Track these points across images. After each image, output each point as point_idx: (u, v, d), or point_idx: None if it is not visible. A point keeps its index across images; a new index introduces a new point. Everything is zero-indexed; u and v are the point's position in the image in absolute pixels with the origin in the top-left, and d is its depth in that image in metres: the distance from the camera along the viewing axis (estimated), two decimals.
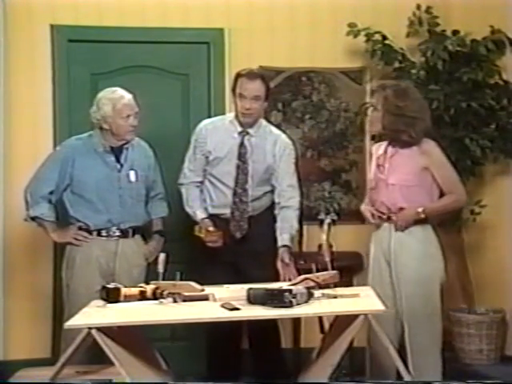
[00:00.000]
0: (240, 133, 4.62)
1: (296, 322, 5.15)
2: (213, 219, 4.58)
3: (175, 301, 3.72)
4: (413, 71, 5.23)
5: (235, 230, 4.59)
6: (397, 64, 5.30)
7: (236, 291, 3.86)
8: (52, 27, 5.17)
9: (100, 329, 3.38)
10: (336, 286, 3.91)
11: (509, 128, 5.29)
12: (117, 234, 4.49)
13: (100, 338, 3.36)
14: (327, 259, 4.00)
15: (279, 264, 4.41)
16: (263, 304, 3.56)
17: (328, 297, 3.74)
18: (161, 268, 3.98)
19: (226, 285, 4.11)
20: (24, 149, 5.13)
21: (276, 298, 3.53)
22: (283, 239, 4.48)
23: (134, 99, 4.49)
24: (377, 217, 4.22)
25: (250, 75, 4.54)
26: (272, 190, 4.65)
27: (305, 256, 4.95)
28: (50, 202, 4.48)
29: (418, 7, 5.33)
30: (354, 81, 5.51)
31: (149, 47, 5.30)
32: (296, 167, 4.73)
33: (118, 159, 4.50)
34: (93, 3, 5.22)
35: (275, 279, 4.31)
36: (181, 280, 3.86)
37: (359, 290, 3.91)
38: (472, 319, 5.36)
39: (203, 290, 3.88)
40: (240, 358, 4.80)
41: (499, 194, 5.48)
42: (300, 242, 5.16)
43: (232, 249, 4.54)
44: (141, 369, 3.68)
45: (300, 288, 3.66)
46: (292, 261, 4.46)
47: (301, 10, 5.42)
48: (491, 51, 5.26)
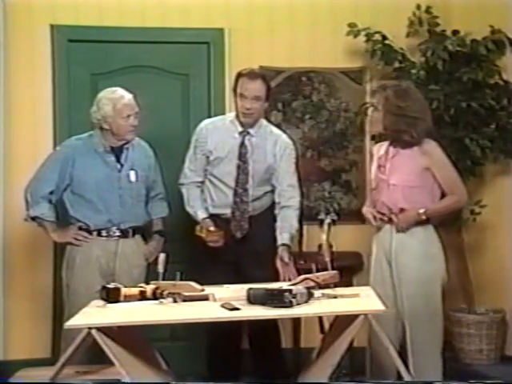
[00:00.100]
0: (241, 133, 4.62)
1: (296, 322, 5.15)
2: (213, 219, 4.58)
3: (175, 301, 3.72)
4: (413, 71, 5.23)
5: (236, 230, 4.59)
6: (397, 64, 5.30)
7: (236, 291, 3.86)
8: (52, 27, 5.17)
9: (100, 329, 3.38)
10: (336, 286, 3.91)
11: (509, 128, 5.29)
12: (117, 234, 4.49)
13: (100, 338, 3.36)
14: (327, 259, 4.00)
15: (278, 263, 4.41)
16: (263, 304, 3.56)
17: (328, 297, 3.74)
18: (161, 268, 3.98)
19: (226, 285, 4.11)
20: (24, 149, 5.13)
21: (276, 298, 3.53)
22: (283, 238, 4.48)
23: (134, 99, 4.49)
24: (378, 219, 4.22)
25: (251, 75, 4.53)
26: (272, 190, 4.65)
27: (305, 256, 4.95)
28: (50, 202, 4.48)
29: (418, 7, 5.33)
30: (354, 81, 5.51)
31: (149, 47, 5.30)
32: (296, 167, 4.73)
33: (119, 159, 4.50)
34: (93, 3, 5.22)
35: (276, 279, 4.32)
36: (181, 280, 3.86)
37: (359, 290, 3.91)
38: (472, 319, 5.36)
39: (203, 290, 3.88)
40: (240, 358, 4.81)
41: (499, 194, 5.48)
42: (300, 242, 5.16)
43: (232, 248, 4.54)
44: (141, 369, 3.68)
45: (300, 288, 3.66)
46: (292, 260, 4.46)
47: (301, 10, 5.42)
48: (491, 51, 5.26)
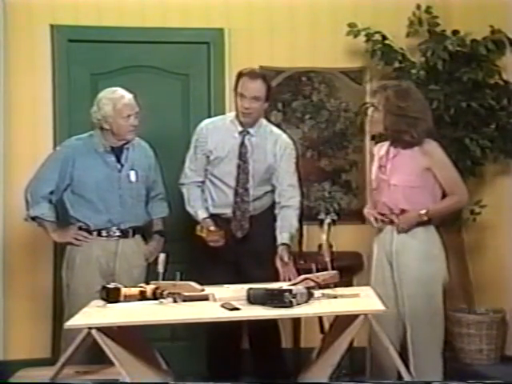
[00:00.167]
0: (241, 132, 4.62)
1: (296, 322, 5.14)
2: (214, 219, 4.58)
3: (175, 301, 3.72)
4: (413, 71, 5.23)
5: (236, 230, 4.59)
6: (397, 64, 5.29)
7: (236, 291, 3.86)
8: (52, 27, 5.17)
9: (100, 329, 3.38)
10: (336, 286, 3.91)
11: (509, 128, 5.29)
12: (117, 234, 4.49)
13: (100, 338, 3.36)
14: (327, 259, 4.00)
15: (278, 263, 4.41)
16: (263, 304, 3.56)
17: (328, 297, 3.73)
18: (161, 268, 3.98)
19: (226, 285, 4.11)
20: (24, 149, 5.13)
21: (276, 298, 3.53)
22: (282, 238, 4.48)
23: (135, 99, 4.49)
24: (380, 220, 4.21)
25: (252, 75, 4.53)
26: (273, 190, 4.65)
27: (305, 256, 4.95)
28: (51, 202, 4.48)
29: (418, 7, 5.32)
30: (354, 81, 5.51)
31: (149, 47, 5.29)
32: (297, 167, 4.73)
33: (119, 159, 4.50)
34: (93, 3, 5.22)
35: (276, 279, 4.31)
36: (181, 280, 3.86)
37: (359, 290, 3.91)
38: (472, 319, 5.36)
39: (203, 290, 3.88)
40: (240, 358, 4.81)
41: (499, 194, 5.48)
42: (300, 242, 5.16)
43: (233, 248, 4.54)
44: (141, 369, 3.68)
45: (300, 288, 3.66)
46: (291, 260, 4.46)
47: (301, 10, 5.42)
48: (491, 51, 5.26)
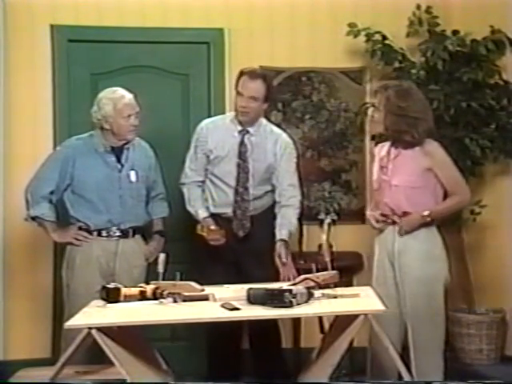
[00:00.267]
0: (240, 131, 4.62)
1: (296, 322, 5.14)
2: (215, 218, 4.58)
3: (175, 301, 3.72)
4: (413, 71, 5.23)
5: (238, 229, 4.59)
6: (397, 64, 5.29)
7: (236, 291, 3.86)
8: (52, 27, 5.17)
9: (100, 329, 3.38)
10: (336, 286, 3.91)
11: (509, 128, 5.29)
12: (117, 234, 4.49)
13: (100, 338, 3.36)
14: (327, 259, 4.00)
15: (277, 260, 4.42)
16: (263, 304, 3.56)
17: (328, 297, 3.73)
18: (161, 268, 3.98)
19: (226, 285, 4.11)
20: (24, 149, 5.12)
21: (276, 298, 3.53)
22: (281, 234, 4.48)
23: (135, 99, 4.49)
24: (381, 221, 4.21)
25: (252, 75, 4.53)
26: (273, 190, 4.65)
27: (305, 256, 4.95)
28: (51, 202, 4.48)
29: (418, 7, 5.32)
30: (354, 81, 5.51)
31: (149, 47, 5.29)
32: (297, 167, 4.73)
33: (119, 159, 4.50)
34: (93, 3, 5.22)
35: (276, 279, 4.32)
36: (181, 280, 3.86)
37: (359, 290, 3.91)
38: (472, 319, 5.36)
39: (203, 290, 3.88)
40: (240, 358, 4.80)
41: (499, 194, 5.47)
42: (300, 242, 5.16)
43: (234, 248, 4.55)
44: (141, 369, 3.68)
45: (300, 288, 3.66)
46: (290, 256, 4.46)
47: (301, 10, 5.41)
48: (491, 51, 5.26)
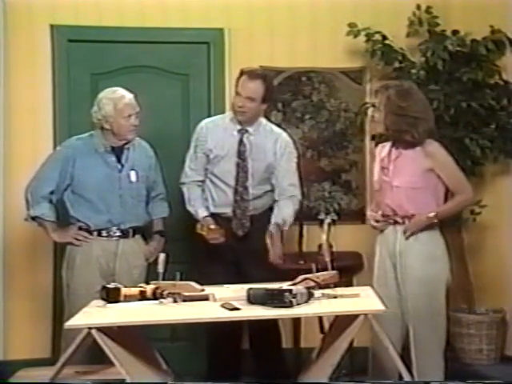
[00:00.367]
0: (239, 131, 4.62)
1: (296, 322, 5.14)
2: (215, 218, 4.58)
3: (175, 301, 3.72)
4: (413, 71, 5.22)
5: (237, 228, 4.59)
6: (397, 64, 5.29)
7: (236, 291, 3.86)
8: (52, 27, 5.17)
9: (100, 329, 3.38)
10: (336, 286, 3.90)
11: (509, 128, 5.29)
12: (117, 235, 4.49)
13: (100, 338, 3.36)
14: (327, 259, 3.99)
15: (268, 239, 4.42)
16: (263, 304, 3.56)
17: (328, 297, 3.73)
18: (161, 268, 3.98)
19: (226, 285, 4.11)
20: (24, 149, 5.13)
21: (276, 298, 3.53)
22: (276, 218, 4.50)
23: (135, 99, 4.50)
24: (381, 221, 4.20)
25: (251, 75, 4.53)
26: (273, 190, 4.65)
27: (305, 256, 4.95)
28: (51, 202, 4.48)
29: (418, 7, 5.32)
30: (354, 81, 5.50)
31: (149, 47, 5.29)
32: (297, 166, 4.73)
33: (119, 159, 4.50)
34: (93, 3, 5.21)
35: (277, 278, 4.31)
36: (181, 280, 3.86)
37: (359, 290, 3.91)
38: (472, 319, 5.35)
39: (203, 290, 3.88)
40: (240, 358, 4.80)
41: (499, 194, 5.47)
42: (300, 242, 5.16)
43: (234, 247, 4.55)
44: (141, 369, 3.68)
45: (300, 288, 3.66)
46: (279, 237, 4.46)
47: (301, 10, 5.41)
48: (491, 51, 5.26)
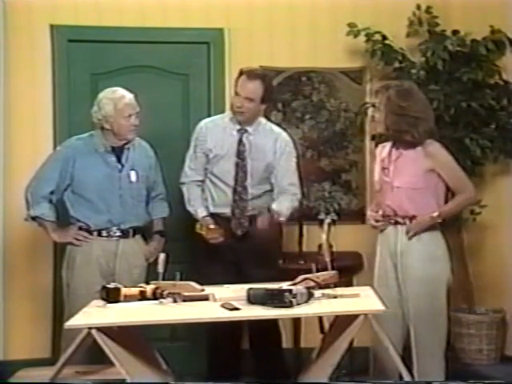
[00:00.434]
0: (239, 130, 4.62)
1: (296, 322, 5.14)
2: (214, 218, 4.59)
3: (175, 301, 3.72)
4: (413, 71, 5.22)
5: (236, 228, 4.59)
6: (397, 64, 5.29)
7: (236, 291, 3.86)
8: (52, 27, 5.17)
9: (100, 329, 3.38)
10: (336, 286, 3.90)
11: (509, 128, 5.29)
12: (117, 235, 4.49)
13: (100, 338, 3.36)
14: (327, 259, 3.99)
15: (258, 220, 4.47)
16: (263, 304, 3.56)
17: (328, 297, 3.73)
18: (161, 268, 3.98)
19: (226, 285, 4.10)
20: (24, 149, 5.13)
21: (276, 298, 3.53)
22: (272, 205, 4.51)
23: (135, 99, 4.50)
24: (381, 221, 4.20)
25: (250, 75, 4.52)
26: (272, 189, 4.65)
27: (305, 256, 4.96)
28: (51, 202, 4.48)
29: (418, 7, 5.32)
30: (354, 81, 5.50)
31: (149, 47, 5.29)
32: (297, 166, 4.73)
33: (119, 159, 4.50)
34: (92, 3, 5.21)
35: (276, 278, 4.31)
36: (181, 280, 3.86)
37: (359, 290, 3.91)
38: (472, 319, 5.36)
39: (203, 290, 3.88)
40: (240, 358, 4.81)
41: (499, 194, 5.47)
42: (300, 242, 5.16)
43: (233, 247, 4.55)
44: (141, 369, 3.68)
45: (300, 288, 3.66)
46: (269, 218, 4.48)
47: (301, 10, 5.41)
48: (491, 51, 5.26)
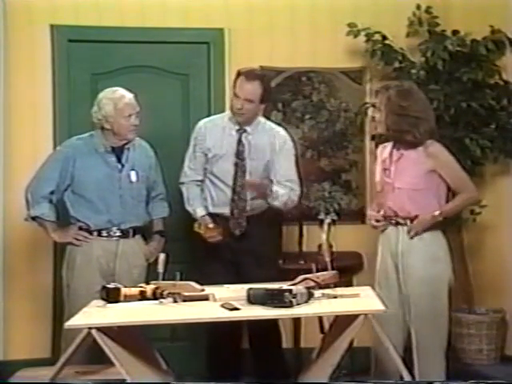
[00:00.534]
0: (238, 130, 4.62)
1: (296, 322, 5.14)
2: (213, 217, 4.59)
3: (175, 301, 3.72)
4: (413, 71, 5.22)
5: (235, 228, 4.59)
6: (397, 64, 5.29)
7: (236, 291, 3.86)
8: (52, 27, 5.17)
9: (100, 329, 3.38)
10: (336, 286, 3.91)
11: (509, 128, 5.29)
12: (117, 235, 4.49)
13: (100, 338, 3.36)
14: (327, 259, 3.99)
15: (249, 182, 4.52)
16: (263, 304, 3.56)
17: (328, 297, 3.73)
18: (161, 268, 3.98)
19: (226, 285, 4.11)
20: (24, 149, 5.13)
21: (276, 298, 3.53)
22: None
23: (135, 99, 4.50)
24: (382, 222, 4.20)
25: (249, 76, 4.51)
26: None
27: (305, 256, 4.96)
28: (51, 202, 4.48)
29: (418, 7, 5.32)
30: (354, 81, 5.50)
31: (149, 47, 5.29)
32: (296, 164, 4.73)
33: (119, 159, 4.50)
34: (93, 3, 5.21)
35: (276, 278, 4.31)
36: (181, 280, 3.86)
37: (359, 290, 3.91)
38: (472, 319, 5.36)
39: (203, 290, 3.88)
40: (240, 358, 4.81)
41: (499, 194, 5.47)
42: (300, 242, 5.16)
43: (232, 246, 4.56)
44: (141, 369, 3.68)
45: (300, 288, 3.66)
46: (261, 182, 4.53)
47: (301, 10, 5.41)
48: (491, 51, 5.26)
